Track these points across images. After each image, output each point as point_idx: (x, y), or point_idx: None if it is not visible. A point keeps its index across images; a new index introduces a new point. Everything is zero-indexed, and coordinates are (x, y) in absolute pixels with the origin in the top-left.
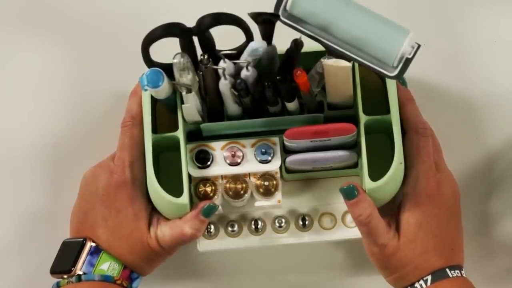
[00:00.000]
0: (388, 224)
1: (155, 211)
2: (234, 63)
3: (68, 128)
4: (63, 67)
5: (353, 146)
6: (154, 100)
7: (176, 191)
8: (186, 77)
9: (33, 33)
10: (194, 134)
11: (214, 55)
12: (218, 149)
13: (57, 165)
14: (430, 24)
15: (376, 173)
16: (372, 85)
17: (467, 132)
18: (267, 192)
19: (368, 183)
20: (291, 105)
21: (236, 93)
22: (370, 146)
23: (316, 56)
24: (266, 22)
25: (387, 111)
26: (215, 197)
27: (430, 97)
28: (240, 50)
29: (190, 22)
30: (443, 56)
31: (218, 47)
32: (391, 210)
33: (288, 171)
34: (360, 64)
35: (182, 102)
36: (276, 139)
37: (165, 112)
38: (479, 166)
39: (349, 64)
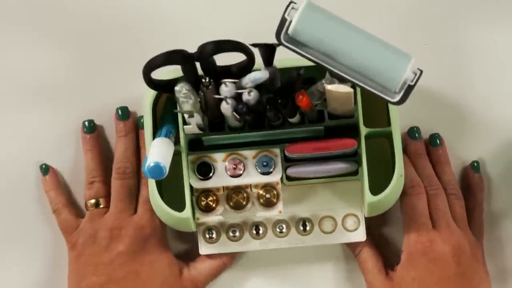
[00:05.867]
0: (377, 264)
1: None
2: (236, 92)
3: (68, 130)
4: (63, 68)
5: (354, 155)
6: (154, 106)
7: (177, 199)
8: (188, 103)
9: (33, 34)
10: (195, 142)
11: (216, 76)
12: (219, 160)
13: (56, 165)
14: (431, 26)
15: (377, 177)
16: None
17: (467, 132)
18: (269, 203)
19: (368, 197)
20: (292, 119)
21: (238, 117)
22: (371, 149)
23: (316, 68)
24: (268, 46)
25: (387, 120)
26: (217, 208)
27: (431, 97)
28: (241, 67)
29: (190, 25)
30: (443, 56)
31: (218, 61)
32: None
33: (289, 178)
34: (362, 89)
35: (184, 121)
36: (277, 150)
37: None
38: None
39: (351, 90)
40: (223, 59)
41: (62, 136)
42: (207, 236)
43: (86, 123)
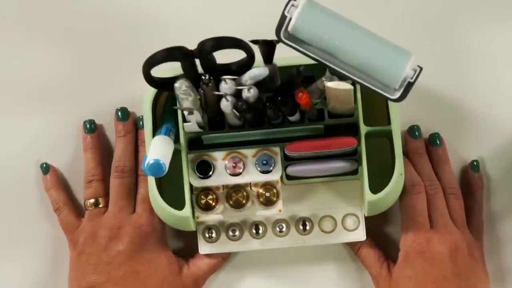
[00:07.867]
0: (379, 258)
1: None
2: (236, 88)
3: (68, 130)
4: (63, 68)
5: (354, 153)
6: (154, 105)
7: (177, 197)
8: (188, 100)
9: (34, 34)
10: (195, 140)
11: (216, 73)
12: (219, 159)
13: (56, 164)
14: (431, 26)
15: (377, 176)
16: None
17: (467, 132)
18: (268, 202)
19: (368, 196)
20: (292, 117)
21: (238, 114)
22: (371, 148)
23: (316, 66)
24: (267, 43)
25: (388, 119)
26: (217, 206)
27: (431, 97)
28: (241, 64)
29: (190, 24)
30: (443, 56)
31: (218, 59)
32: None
33: (289, 177)
34: (362, 86)
35: (184, 118)
36: (277, 149)
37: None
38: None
39: (350, 87)
40: (223, 57)
41: (62, 135)
42: (207, 235)
43: (87, 124)
